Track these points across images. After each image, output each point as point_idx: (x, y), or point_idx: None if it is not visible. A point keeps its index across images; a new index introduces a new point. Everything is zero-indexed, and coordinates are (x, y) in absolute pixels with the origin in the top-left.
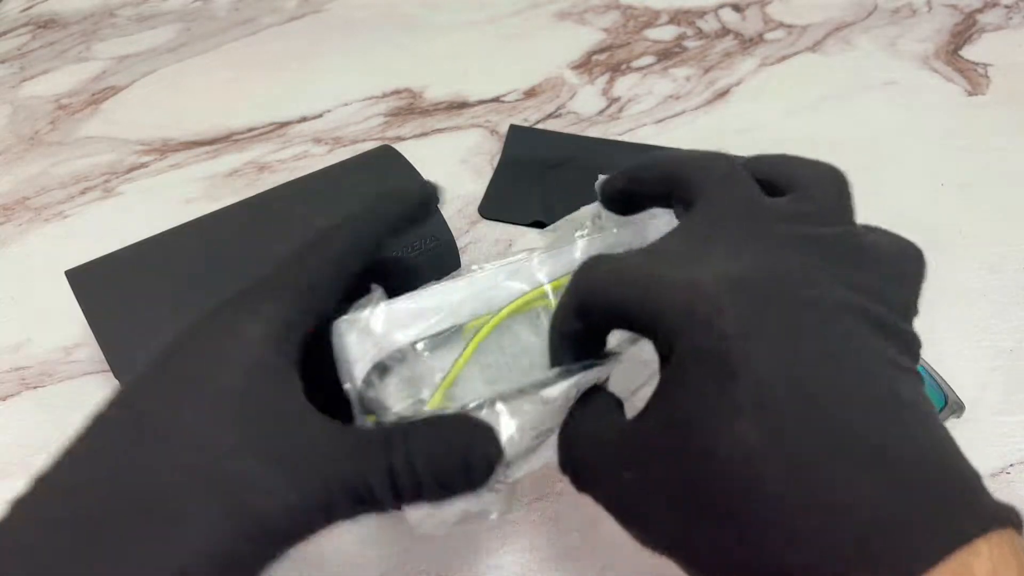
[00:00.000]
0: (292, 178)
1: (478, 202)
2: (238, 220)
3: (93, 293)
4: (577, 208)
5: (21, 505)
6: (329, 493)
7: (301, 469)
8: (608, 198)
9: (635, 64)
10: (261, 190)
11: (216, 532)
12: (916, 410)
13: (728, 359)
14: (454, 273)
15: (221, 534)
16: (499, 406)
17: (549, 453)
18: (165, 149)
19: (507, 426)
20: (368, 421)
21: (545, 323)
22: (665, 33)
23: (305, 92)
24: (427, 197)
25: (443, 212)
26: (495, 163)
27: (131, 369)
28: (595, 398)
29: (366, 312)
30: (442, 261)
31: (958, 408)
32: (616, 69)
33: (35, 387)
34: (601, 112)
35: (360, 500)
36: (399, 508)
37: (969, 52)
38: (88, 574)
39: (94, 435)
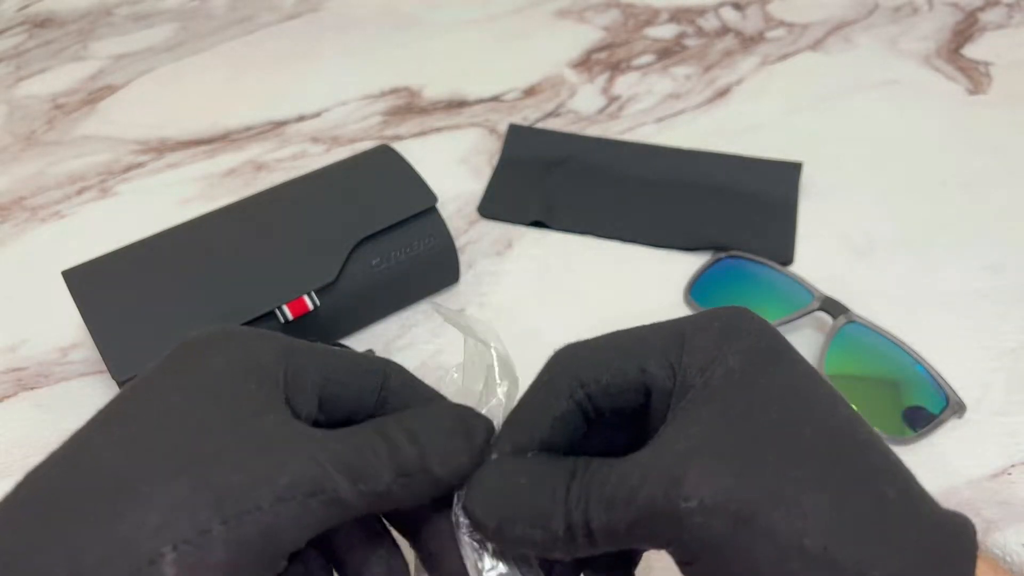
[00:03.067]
0: (290, 177)
1: (477, 202)
2: (236, 220)
3: (90, 294)
4: (577, 204)
5: (4, 503)
6: (323, 469)
7: (289, 452)
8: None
9: (635, 63)
10: (258, 190)
11: (193, 515)
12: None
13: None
14: None
15: (199, 517)
16: None
17: None
18: (162, 149)
19: None
20: None
21: None
22: (665, 31)
23: (302, 91)
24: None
25: (441, 212)
26: (494, 162)
27: (128, 370)
28: None
29: None
30: (440, 261)
31: (959, 408)
32: (616, 68)
33: (32, 388)
34: (601, 111)
35: (358, 478)
36: (404, 502)
37: (970, 51)
38: (49, 557)
39: (83, 428)
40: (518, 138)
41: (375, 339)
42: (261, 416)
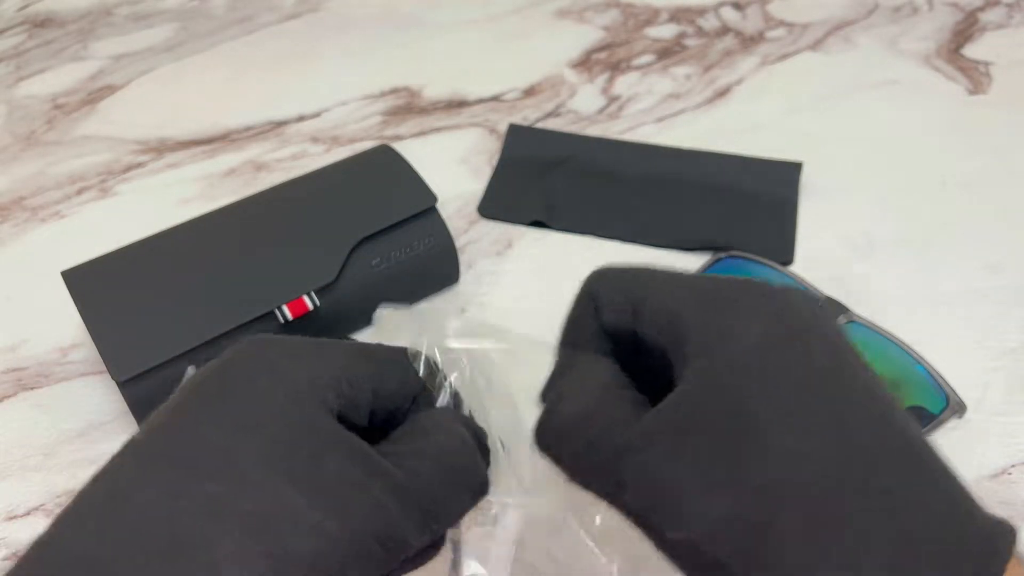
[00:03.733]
0: (290, 177)
1: (477, 201)
2: (235, 220)
3: (90, 294)
4: (577, 204)
5: (39, 547)
6: (380, 507)
7: (340, 493)
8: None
9: (635, 63)
10: (259, 190)
11: None
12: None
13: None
14: None
15: None
16: None
17: None
18: (162, 149)
19: None
20: None
21: None
22: (665, 31)
23: (302, 91)
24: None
25: (441, 212)
26: (494, 162)
27: (128, 370)
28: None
29: None
30: (440, 261)
31: (960, 408)
32: (616, 68)
33: (32, 388)
34: (601, 111)
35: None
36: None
37: (970, 51)
38: None
39: (120, 466)
40: (518, 138)
41: (375, 340)
42: (321, 456)
